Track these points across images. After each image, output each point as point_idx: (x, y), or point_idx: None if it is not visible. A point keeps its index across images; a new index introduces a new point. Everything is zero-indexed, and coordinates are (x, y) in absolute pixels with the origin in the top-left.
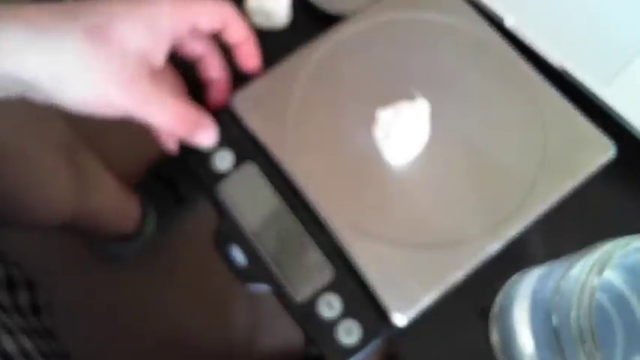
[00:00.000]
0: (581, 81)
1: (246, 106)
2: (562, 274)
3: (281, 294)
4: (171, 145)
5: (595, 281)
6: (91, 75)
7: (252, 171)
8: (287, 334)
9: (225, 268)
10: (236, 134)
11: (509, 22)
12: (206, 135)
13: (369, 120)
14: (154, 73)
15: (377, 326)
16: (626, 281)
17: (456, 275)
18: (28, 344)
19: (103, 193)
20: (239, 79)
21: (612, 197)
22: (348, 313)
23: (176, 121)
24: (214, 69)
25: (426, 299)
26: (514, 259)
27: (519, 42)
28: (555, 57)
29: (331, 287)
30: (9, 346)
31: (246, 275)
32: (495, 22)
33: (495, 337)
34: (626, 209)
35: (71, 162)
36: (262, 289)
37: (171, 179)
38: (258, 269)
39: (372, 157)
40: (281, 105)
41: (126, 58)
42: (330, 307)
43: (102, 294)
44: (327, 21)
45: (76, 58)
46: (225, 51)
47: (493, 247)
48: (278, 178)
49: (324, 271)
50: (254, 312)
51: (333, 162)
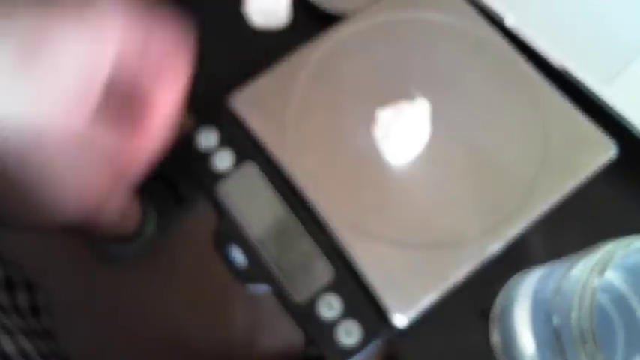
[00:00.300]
0: (581, 81)
1: (246, 105)
2: (563, 274)
3: (281, 294)
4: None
5: (596, 282)
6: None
7: (252, 171)
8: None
9: (225, 269)
10: (236, 134)
11: (509, 22)
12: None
13: (369, 120)
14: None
15: (377, 327)
16: (627, 281)
17: (457, 275)
18: (27, 345)
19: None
20: (239, 78)
21: (613, 197)
22: (348, 313)
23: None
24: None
25: (427, 299)
26: (515, 259)
27: (520, 41)
28: (556, 56)
29: (331, 287)
30: (8, 346)
31: (245, 275)
32: (496, 21)
33: (496, 338)
34: (627, 209)
35: None
36: (262, 289)
37: (172, 179)
38: (257, 269)
39: (372, 157)
40: (281, 105)
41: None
42: (330, 307)
43: (101, 294)
44: (327, 21)
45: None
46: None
47: (494, 247)
48: (278, 178)
49: (324, 272)
50: (254, 312)
51: (333, 162)
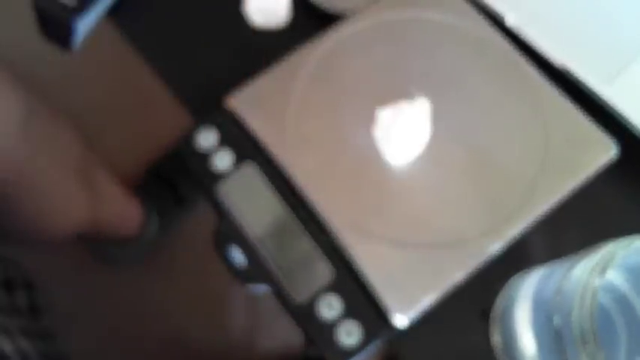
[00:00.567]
0: (582, 80)
1: (246, 105)
2: (564, 274)
3: (281, 294)
4: None
5: (597, 282)
6: None
7: (251, 171)
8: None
9: (224, 269)
10: (236, 134)
11: (510, 21)
12: None
13: (369, 120)
14: None
15: (377, 327)
16: (629, 282)
17: (457, 276)
18: (25, 345)
19: (111, 203)
20: (239, 78)
21: (614, 197)
22: (348, 313)
23: None
24: None
25: (427, 300)
26: (515, 259)
27: (520, 41)
28: (557, 56)
29: (331, 288)
30: (6, 346)
31: (245, 275)
32: (496, 20)
33: (496, 338)
34: (628, 209)
35: (86, 182)
36: (262, 289)
37: (171, 180)
38: (257, 269)
39: (372, 157)
40: (281, 104)
41: None
42: (330, 307)
43: (101, 294)
44: (326, 20)
45: None
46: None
47: (494, 247)
48: (278, 178)
49: (324, 272)
50: (253, 313)
51: (333, 162)
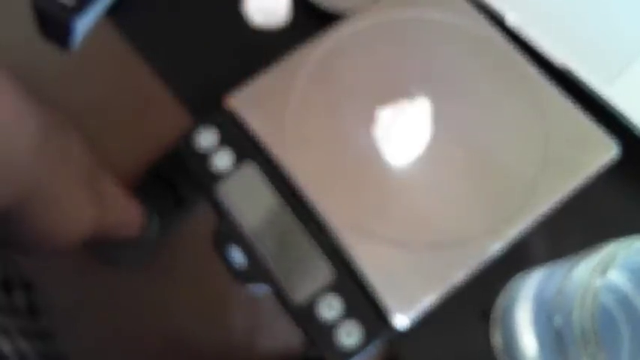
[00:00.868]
0: (583, 80)
1: (246, 105)
2: (564, 274)
3: (281, 294)
4: None
5: (598, 282)
6: None
7: (251, 171)
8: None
9: (224, 269)
10: (235, 134)
11: (510, 21)
12: None
13: (369, 119)
14: None
15: (377, 327)
16: (631, 281)
17: (458, 276)
18: (24, 345)
19: (115, 207)
20: (239, 78)
21: (615, 197)
22: (348, 314)
23: None
24: None
25: (427, 300)
26: (516, 259)
27: (521, 40)
28: (558, 56)
29: (331, 288)
30: (5, 346)
31: (245, 275)
32: (497, 20)
33: (497, 339)
34: (629, 209)
35: (94, 191)
36: (262, 289)
37: (171, 180)
38: (257, 270)
39: (372, 157)
40: (281, 104)
41: None
42: (330, 308)
43: (101, 295)
44: (326, 20)
45: None
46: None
47: (495, 247)
48: (278, 178)
49: (324, 272)
50: (253, 313)
51: (333, 162)
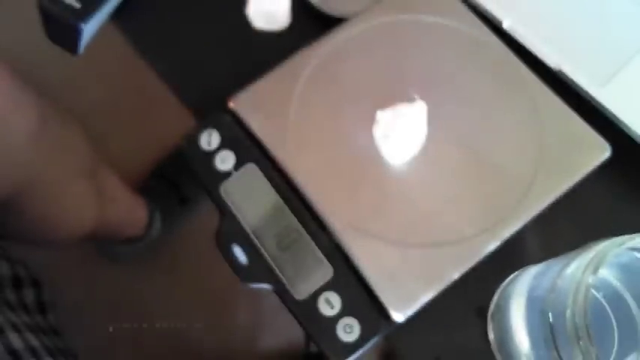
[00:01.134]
0: (577, 82)
1: (247, 107)
2: (558, 272)
3: (282, 292)
4: None
5: (590, 279)
6: None
7: (253, 171)
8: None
9: (226, 268)
10: (237, 135)
11: (506, 25)
12: None
13: (369, 121)
14: None
15: (376, 324)
16: (621, 279)
17: (454, 274)
18: (34, 341)
19: (118, 204)
20: (240, 80)
21: (607, 197)
22: (347, 311)
23: None
24: None
25: (424, 297)
26: (511, 257)
27: (517, 44)
28: (552, 59)
29: (331, 286)
30: (16, 343)
31: (247, 274)
32: (493, 24)
33: (492, 335)
34: (619, 209)
35: (94, 184)
36: (263, 287)
37: (175, 180)
38: (259, 268)
39: (370, 158)
40: (282, 106)
41: None
42: (329, 305)
43: (104, 293)
44: (326, 23)
45: None
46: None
47: (490, 246)
48: (279, 178)
49: (323, 270)
50: (255, 310)
51: (333, 162)
